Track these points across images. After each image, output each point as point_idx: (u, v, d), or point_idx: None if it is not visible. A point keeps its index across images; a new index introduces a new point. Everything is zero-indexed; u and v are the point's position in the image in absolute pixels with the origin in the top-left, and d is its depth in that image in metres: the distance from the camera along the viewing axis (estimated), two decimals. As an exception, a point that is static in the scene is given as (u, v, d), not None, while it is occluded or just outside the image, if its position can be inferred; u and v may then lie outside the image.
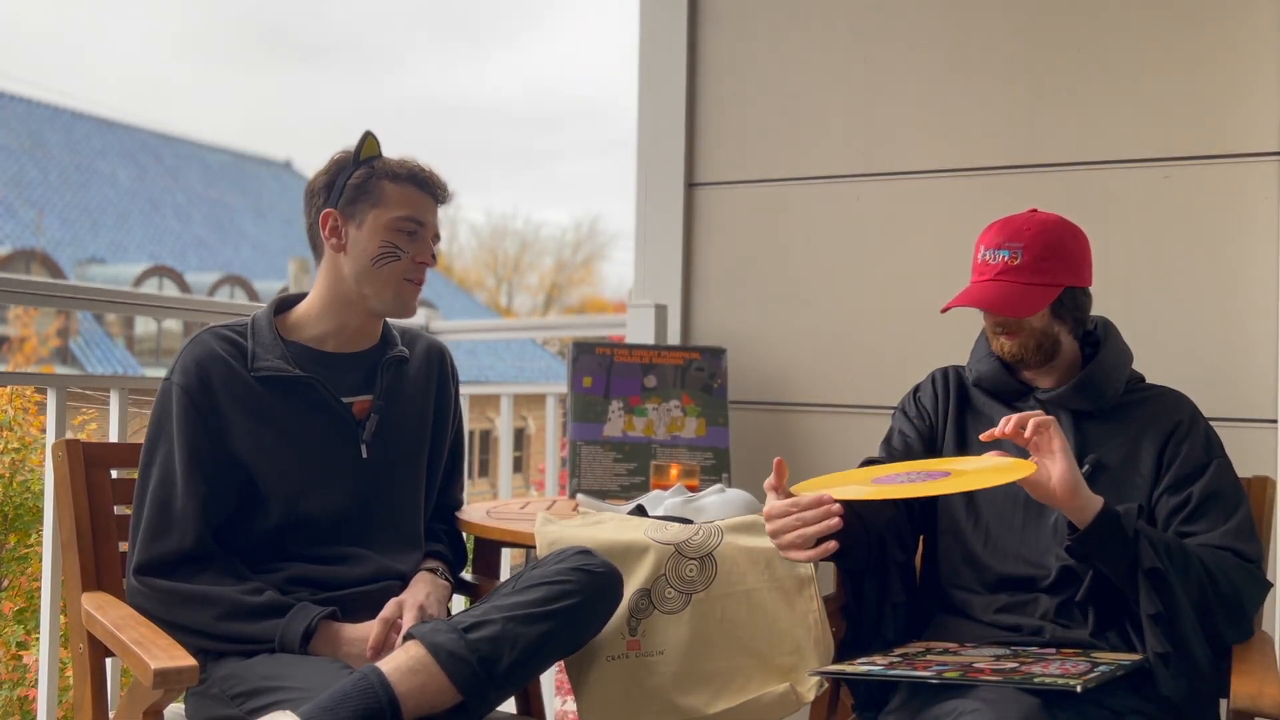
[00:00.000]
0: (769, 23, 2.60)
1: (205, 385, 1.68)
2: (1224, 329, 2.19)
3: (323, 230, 1.77)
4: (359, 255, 1.76)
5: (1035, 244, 1.68)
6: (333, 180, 1.78)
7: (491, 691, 1.46)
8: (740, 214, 2.62)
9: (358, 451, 1.76)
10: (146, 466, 1.68)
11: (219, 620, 1.59)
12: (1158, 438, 1.68)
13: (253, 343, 1.74)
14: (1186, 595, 1.51)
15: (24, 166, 20.86)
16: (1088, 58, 2.32)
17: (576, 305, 32.34)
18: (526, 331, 4.75)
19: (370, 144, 1.80)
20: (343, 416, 1.76)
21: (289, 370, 1.71)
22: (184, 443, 1.66)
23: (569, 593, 1.54)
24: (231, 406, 1.69)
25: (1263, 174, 2.17)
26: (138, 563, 1.63)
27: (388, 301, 1.78)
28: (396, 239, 1.76)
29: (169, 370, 1.72)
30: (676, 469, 2.22)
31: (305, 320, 1.80)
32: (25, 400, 4.79)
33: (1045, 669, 1.43)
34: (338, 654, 1.58)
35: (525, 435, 17.09)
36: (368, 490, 1.77)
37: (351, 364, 1.80)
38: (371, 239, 1.75)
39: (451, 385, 1.95)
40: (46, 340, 17.68)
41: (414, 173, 1.79)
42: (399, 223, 1.76)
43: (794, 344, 2.55)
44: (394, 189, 1.76)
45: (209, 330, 1.76)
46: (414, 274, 1.78)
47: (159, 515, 1.64)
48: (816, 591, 1.71)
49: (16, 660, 4.22)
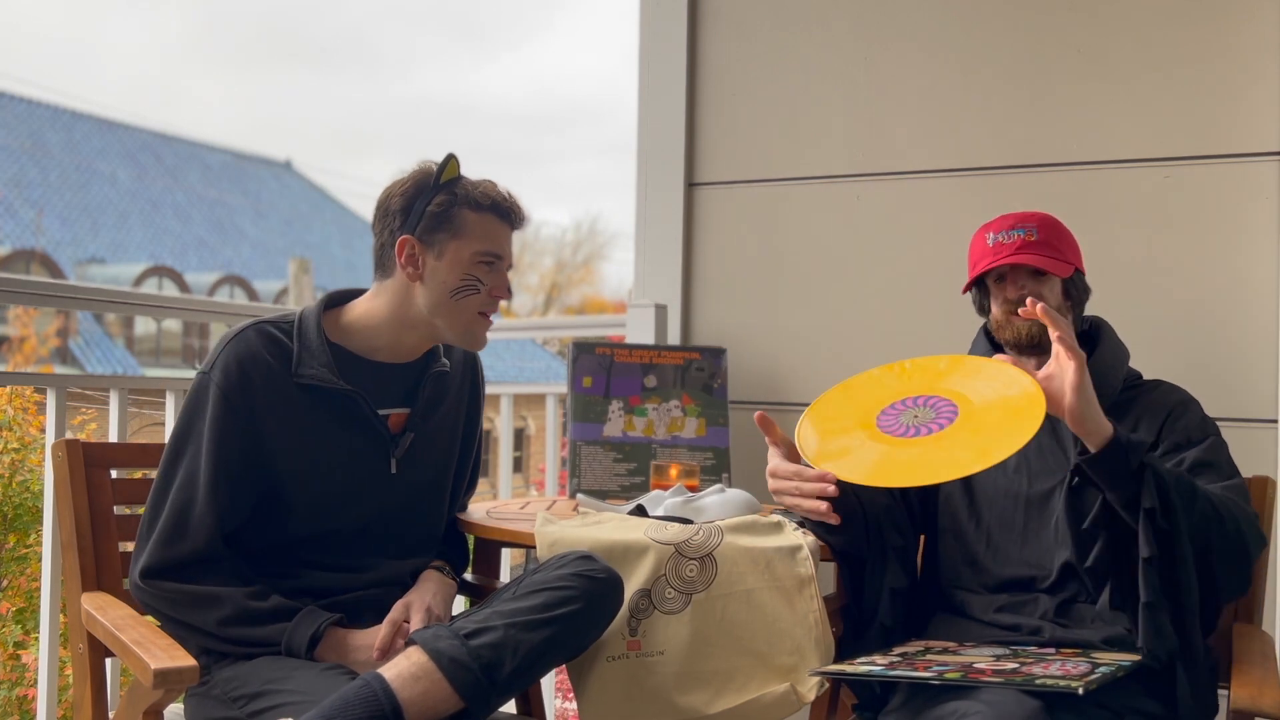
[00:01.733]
0: (769, 23, 2.60)
1: (246, 388, 1.63)
2: (1224, 329, 2.19)
3: (399, 257, 1.69)
4: (437, 287, 1.69)
5: (1045, 226, 1.77)
6: (410, 204, 1.70)
7: (494, 698, 1.46)
8: (740, 214, 2.62)
9: (388, 467, 1.73)
10: (172, 464, 1.63)
11: (224, 624, 1.57)
12: (1156, 419, 1.71)
13: (298, 345, 1.67)
14: (1189, 529, 1.49)
15: (24, 166, 20.86)
16: (1088, 58, 2.32)
17: (576, 305, 32.34)
18: (526, 331, 4.74)
19: (452, 167, 1.71)
20: (378, 430, 1.72)
21: (333, 382, 1.66)
22: (213, 448, 1.61)
23: (571, 599, 1.53)
24: (268, 413, 1.64)
25: (1263, 174, 2.17)
26: (146, 564, 1.59)
27: (459, 334, 1.73)
28: (477, 271, 1.70)
29: (208, 362, 1.66)
30: (676, 469, 2.22)
31: (358, 327, 1.73)
32: (25, 400, 4.78)
33: (1046, 669, 1.43)
34: (344, 660, 1.57)
35: (525, 435, 17.09)
36: (393, 504, 1.75)
37: (397, 375, 1.76)
38: (451, 271, 1.69)
39: (480, 393, 1.92)
40: (46, 340, 17.68)
41: (496, 202, 1.72)
42: (480, 256, 1.70)
43: (794, 344, 2.55)
44: (476, 219, 1.70)
45: (255, 326, 1.69)
46: (489, 307, 1.73)
47: (177, 520, 1.60)
48: (816, 591, 1.71)
49: (15, 660, 4.22)
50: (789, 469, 1.67)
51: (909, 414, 1.65)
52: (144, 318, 19.11)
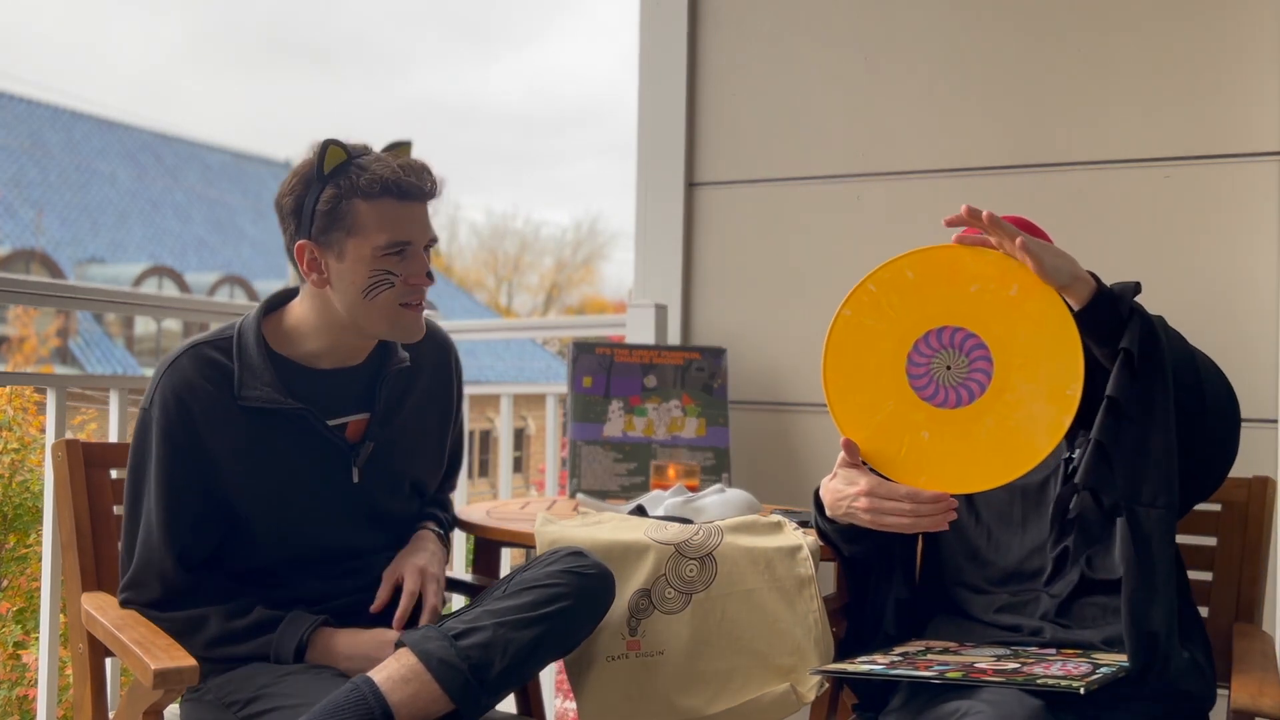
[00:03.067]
0: (769, 23, 2.60)
1: (186, 422, 1.55)
2: (1224, 329, 2.19)
3: (301, 265, 1.58)
4: (346, 290, 1.57)
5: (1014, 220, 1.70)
6: (300, 204, 1.56)
7: (484, 698, 1.45)
8: (740, 214, 2.62)
9: (349, 477, 1.66)
10: (132, 505, 1.60)
11: (209, 646, 1.56)
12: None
13: (239, 365, 1.58)
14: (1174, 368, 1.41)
15: (24, 166, 20.86)
16: (1088, 58, 2.32)
17: (576, 305, 32.35)
18: (526, 331, 4.74)
19: (333, 154, 1.55)
20: (334, 444, 1.64)
21: (279, 401, 1.57)
22: (162, 492, 1.56)
23: (560, 596, 1.51)
24: (215, 442, 1.56)
25: (1263, 174, 2.17)
26: (123, 598, 1.60)
27: (388, 331, 1.61)
28: (385, 264, 1.55)
29: (147, 397, 1.58)
30: (676, 469, 2.22)
31: (295, 336, 1.64)
32: (25, 400, 4.78)
33: (1047, 669, 1.43)
34: (336, 664, 1.56)
35: (525, 435, 17.09)
36: (360, 511, 1.70)
37: (349, 379, 1.67)
38: (357, 271, 1.55)
39: (456, 385, 1.86)
40: (46, 340, 17.68)
41: (390, 183, 1.54)
42: (383, 250, 1.55)
43: (794, 344, 2.55)
44: (369, 210, 1.53)
45: (189, 351, 1.59)
46: (409, 297, 1.59)
47: (143, 566, 1.58)
48: (816, 591, 1.71)
49: (15, 660, 4.22)
50: (899, 490, 1.48)
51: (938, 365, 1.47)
52: (144, 318, 19.12)
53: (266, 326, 1.64)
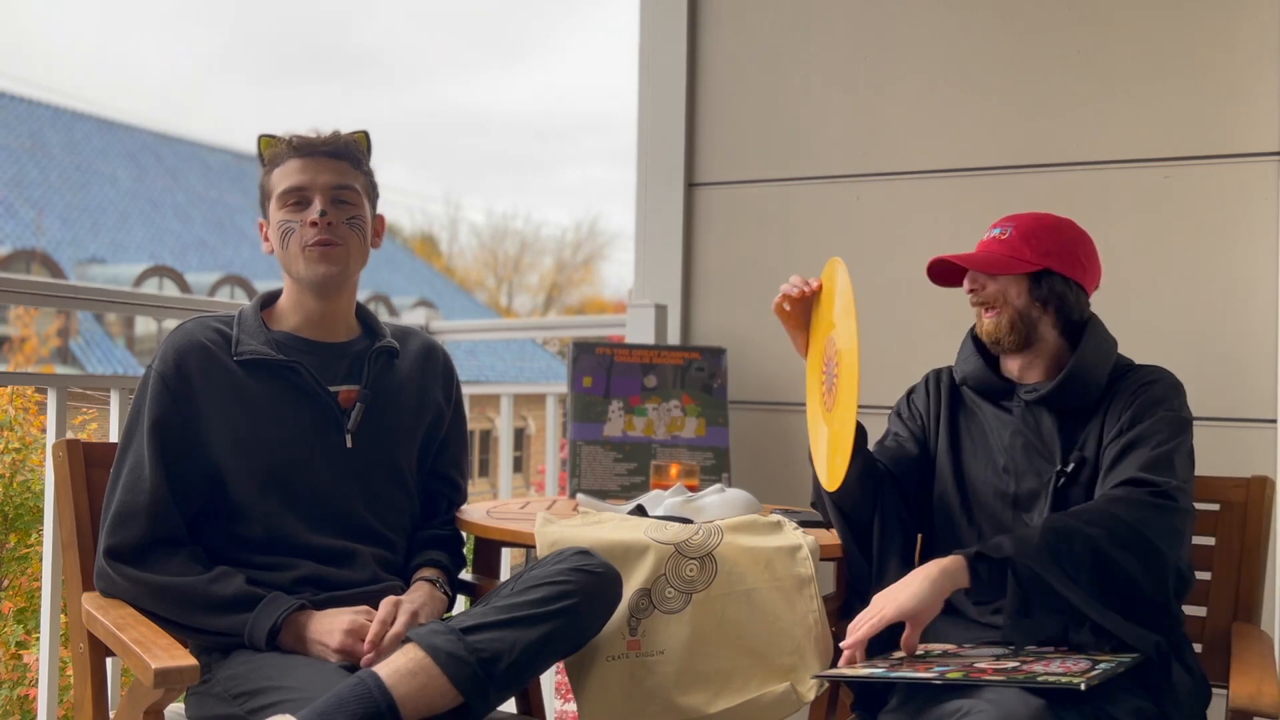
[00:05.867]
0: (769, 23, 2.60)
1: (181, 371, 1.68)
2: (1224, 329, 2.19)
3: (264, 243, 1.82)
4: (276, 247, 1.78)
5: (1025, 224, 1.76)
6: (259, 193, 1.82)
7: (492, 692, 1.45)
8: (740, 214, 2.62)
9: (342, 440, 1.75)
10: (122, 452, 1.69)
11: (186, 612, 1.58)
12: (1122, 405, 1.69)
13: (238, 329, 1.75)
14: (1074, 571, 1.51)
15: (24, 166, 20.85)
16: (1088, 58, 2.32)
17: (576, 305, 32.37)
18: (526, 331, 4.74)
19: (262, 143, 1.80)
20: (327, 404, 1.75)
21: (271, 355, 1.72)
22: (154, 429, 1.66)
23: (568, 593, 1.53)
24: (209, 393, 1.68)
25: (1263, 174, 2.17)
26: (106, 546, 1.63)
27: (302, 274, 1.76)
28: (287, 214, 1.75)
29: (153, 358, 1.73)
30: (676, 469, 2.22)
31: (283, 312, 1.81)
32: (25, 400, 4.79)
33: (1047, 667, 1.43)
34: (306, 649, 1.57)
35: (525, 435, 17.08)
36: (352, 480, 1.74)
37: (337, 353, 1.80)
38: (275, 229, 1.77)
39: (448, 385, 1.92)
40: (46, 340, 17.68)
41: (291, 147, 1.77)
42: (283, 201, 1.75)
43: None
44: (279, 173, 1.77)
45: (196, 319, 1.77)
46: (310, 237, 1.74)
47: (128, 501, 1.63)
48: (816, 591, 1.72)
49: (16, 660, 4.22)
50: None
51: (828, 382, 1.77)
52: (144, 318, 19.09)
53: (263, 312, 1.82)
